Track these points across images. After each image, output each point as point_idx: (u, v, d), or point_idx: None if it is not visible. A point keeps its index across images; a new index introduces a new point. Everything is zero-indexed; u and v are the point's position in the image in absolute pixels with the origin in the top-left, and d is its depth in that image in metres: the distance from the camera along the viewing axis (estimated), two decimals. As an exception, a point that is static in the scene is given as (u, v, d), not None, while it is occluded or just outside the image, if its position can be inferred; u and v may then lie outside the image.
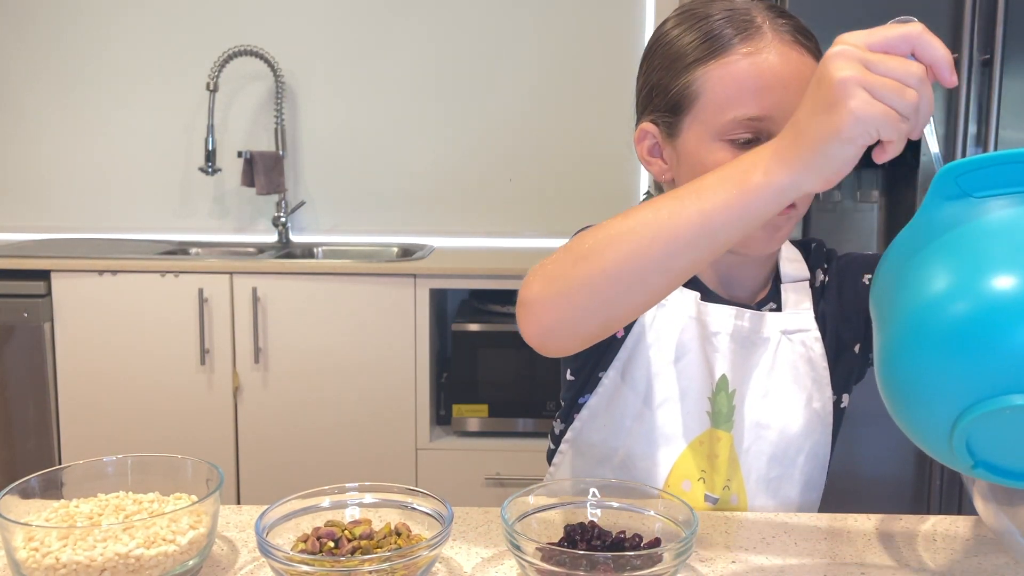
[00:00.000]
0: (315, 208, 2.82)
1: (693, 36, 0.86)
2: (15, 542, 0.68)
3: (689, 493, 0.93)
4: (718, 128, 0.84)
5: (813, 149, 0.60)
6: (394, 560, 0.66)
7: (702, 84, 0.85)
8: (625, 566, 0.65)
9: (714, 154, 0.85)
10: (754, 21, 0.85)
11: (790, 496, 0.96)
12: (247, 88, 2.77)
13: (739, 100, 0.83)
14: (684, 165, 0.89)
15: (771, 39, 0.83)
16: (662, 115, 0.89)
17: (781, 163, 0.61)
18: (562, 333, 0.72)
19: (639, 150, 0.94)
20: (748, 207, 0.63)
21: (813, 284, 0.98)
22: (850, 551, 0.79)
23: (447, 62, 2.75)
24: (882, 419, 0.63)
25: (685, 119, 0.87)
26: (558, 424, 1.03)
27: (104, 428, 2.30)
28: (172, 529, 0.70)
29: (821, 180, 0.61)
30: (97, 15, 2.75)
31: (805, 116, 0.61)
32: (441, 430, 2.38)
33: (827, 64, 0.60)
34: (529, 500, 0.76)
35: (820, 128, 0.59)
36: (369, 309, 2.27)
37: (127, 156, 2.80)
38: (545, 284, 0.71)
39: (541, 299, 0.71)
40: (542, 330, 0.72)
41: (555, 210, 2.74)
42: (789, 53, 0.83)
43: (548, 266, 0.72)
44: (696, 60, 0.85)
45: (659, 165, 0.92)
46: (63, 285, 2.27)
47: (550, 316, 0.71)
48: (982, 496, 0.72)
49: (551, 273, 0.71)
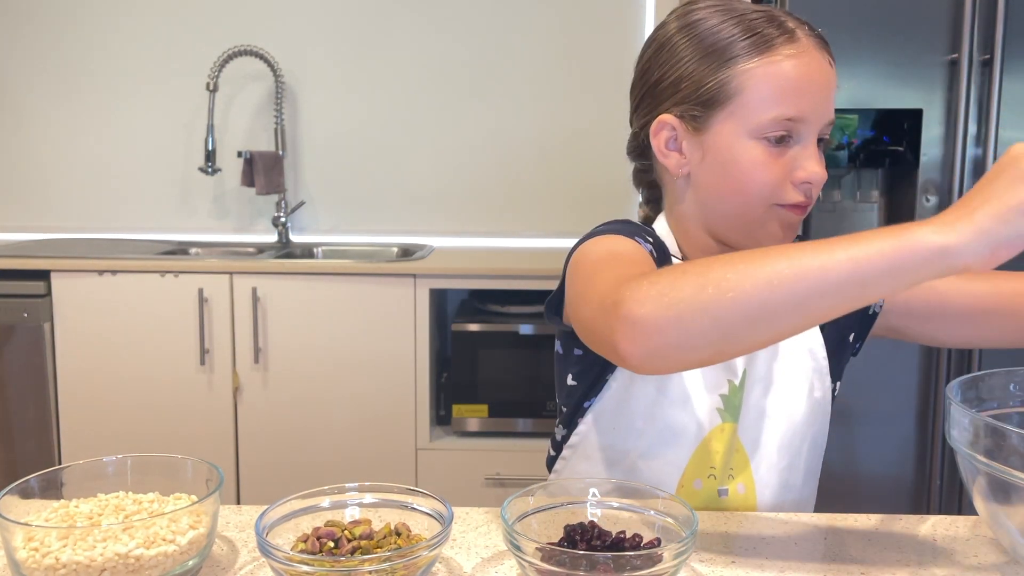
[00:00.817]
0: (315, 208, 2.82)
1: (735, 30, 0.86)
2: (15, 542, 0.68)
3: (701, 491, 0.93)
4: (757, 125, 0.85)
5: (989, 217, 0.59)
6: (394, 560, 0.66)
7: (745, 81, 0.85)
8: (625, 566, 0.65)
9: (749, 151, 0.86)
10: (787, 24, 0.86)
11: (796, 485, 0.96)
12: (247, 88, 2.77)
13: (783, 100, 0.84)
14: (711, 159, 0.88)
15: (807, 44, 0.85)
16: (690, 108, 0.88)
17: (950, 228, 0.60)
18: (670, 357, 0.68)
19: (656, 142, 0.91)
20: (905, 262, 0.61)
21: None
22: (850, 551, 0.79)
23: (447, 62, 2.75)
24: (882, 419, 0.63)
25: (719, 114, 0.86)
26: (560, 430, 1.02)
27: (104, 428, 2.30)
28: (172, 529, 0.70)
29: (990, 252, 0.60)
30: (97, 15, 2.75)
31: (985, 190, 0.61)
32: (441, 430, 2.38)
33: (1012, 150, 0.61)
34: (529, 500, 0.76)
35: (1001, 199, 0.59)
36: (369, 309, 2.27)
37: (127, 156, 2.80)
38: (662, 306, 0.65)
39: (655, 321, 0.65)
40: (648, 352, 0.67)
41: (555, 210, 2.74)
42: (822, 60, 0.86)
43: (662, 286, 0.66)
44: (739, 56, 0.85)
45: (676, 158, 0.91)
46: (63, 285, 2.27)
47: (663, 339, 0.66)
48: (982, 496, 0.72)
49: (670, 296, 0.65)
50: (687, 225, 0.95)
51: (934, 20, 1.93)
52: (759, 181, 0.86)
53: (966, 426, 0.71)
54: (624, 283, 0.69)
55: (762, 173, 0.86)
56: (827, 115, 0.87)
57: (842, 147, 2.07)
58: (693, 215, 0.93)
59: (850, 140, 2.06)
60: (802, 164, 0.86)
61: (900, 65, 1.94)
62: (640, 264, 0.81)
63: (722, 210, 0.91)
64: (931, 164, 1.97)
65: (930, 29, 1.93)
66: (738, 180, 0.87)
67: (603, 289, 0.73)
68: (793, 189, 0.87)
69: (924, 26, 1.92)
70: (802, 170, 0.86)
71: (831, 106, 0.88)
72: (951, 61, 1.93)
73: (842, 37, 1.93)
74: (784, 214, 0.88)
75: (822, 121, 0.87)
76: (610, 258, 0.81)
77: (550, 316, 0.95)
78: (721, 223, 0.92)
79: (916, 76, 1.94)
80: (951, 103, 1.94)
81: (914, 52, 1.93)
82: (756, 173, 0.86)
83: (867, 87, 1.95)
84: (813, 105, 0.85)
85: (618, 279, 0.72)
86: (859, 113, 2.03)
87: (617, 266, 0.79)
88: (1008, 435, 0.67)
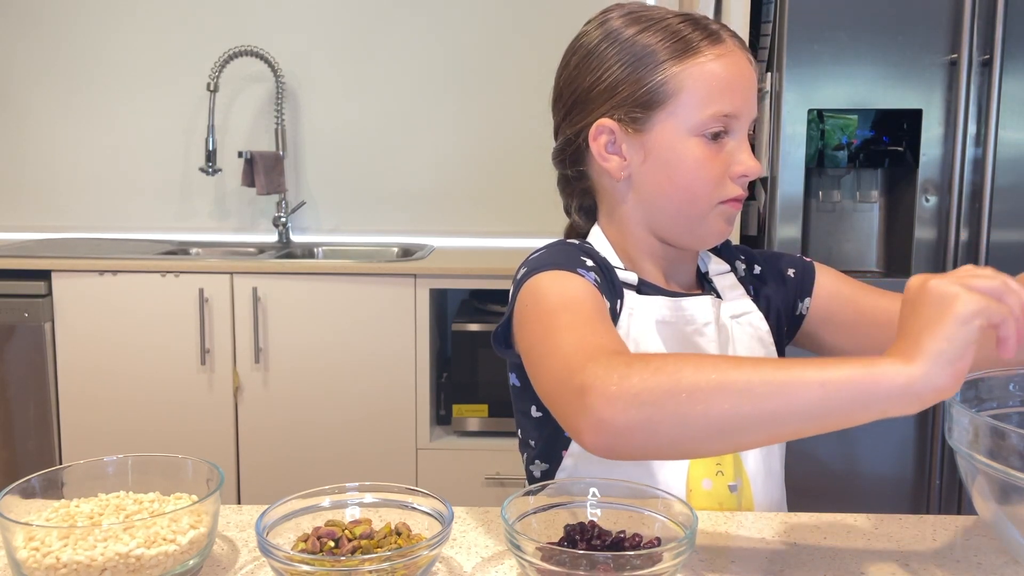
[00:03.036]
0: (315, 208, 2.82)
1: (664, 34, 0.89)
2: (15, 542, 0.68)
3: (712, 491, 0.93)
4: (696, 123, 0.89)
5: (935, 339, 0.61)
6: (394, 560, 0.66)
7: (682, 80, 0.88)
8: (625, 566, 0.65)
9: (691, 149, 0.90)
10: (711, 27, 0.90)
11: (775, 469, 0.98)
12: (248, 89, 2.77)
13: (719, 97, 0.88)
14: (654, 159, 0.91)
15: (730, 45, 0.90)
16: (629, 110, 0.90)
17: (907, 361, 0.62)
18: (633, 453, 0.68)
19: (595, 146, 0.93)
20: (872, 394, 0.62)
21: (738, 274, 1.04)
22: (850, 551, 0.79)
23: (447, 62, 2.75)
24: (882, 419, 0.63)
25: (659, 114, 0.90)
26: (538, 466, 0.98)
27: (104, 428, 2.30)
28: (172, 529, 0.70)
29: (950, 371, 0.61)
30: (98, 16, 2.75)
31: (917, 321, 0.63)
32: (441, 430, 2.38)
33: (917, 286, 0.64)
34: (529, 500, 0.76)
35: (937, 321, 0.62)
36: (369, 309, 2.27)
37: (128, 156, 2.81)
38: (632, 407, 0.65)
39: (625, 422, 0.65)
40: (611, 446, 0.67)
41: (555, 210, 2.72)
42: (745, 58, 0.91)
43: (633, 384, 0.65)
44: (673, 58, 0.89)
45: (617, 161, 0.93)
46: (63, 285, 2.27)
47: (630, 439, 0.66)
48: (982, 496, 0.72)
49: (640, 396, 0.65)
50: (630, 228, 0.97)
51: (934, 20, 1.93)
52: (703, 178, 0.90)
53: (966, 426, 0.71)
54: (591, 362, 0.69)
55: (705, 170, 0.90)
56: (754, 111, 0.92)
57: (842, 147, 2.07)
58: (636, 217, 0.96)
59: (850, 140, 2.06)
60: (738, 158, 0.91)
61: (900, 65, 1.94)
62: (594, 316, 0.80)
63: (667, 209, 0.93)
64: (931, 164, 1.97)
65: (930, 29, 1.93)
66: (683, 178, 0.91)
67: (567, 359, 0.73)
68: (732, 183, 0.91)
69: (924, 26, 1.93)
70: (739, 164, 0.91)
71: (755, 103, 0.93)
72: (951, 61, 1.93)
73: (842, 37, 1.94)
74: (725, 209, 0.93)
75: (751, 117, 0.92)
76: (563, 310, 0.81)
77: (500, 348, 0.93)
78: (665, 222, 0.94)
79: (916, 76, 1.94)
80: (951, 103, 1.94)
81: (914, 52, 1.93)
82: (700, 170, 0.90)
83: (867, 87, 1.95)
84: (744, 100, 0.90)
85: (581, 349, 0.72)
86: (859, 113, 2.03)
87: (575, 324, 0.78)
88: (1008, 435, 0.67)
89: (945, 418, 0.75)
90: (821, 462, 2.03)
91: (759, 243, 2.09)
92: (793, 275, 1.04)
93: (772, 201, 2.02)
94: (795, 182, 2.00)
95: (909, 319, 0.64)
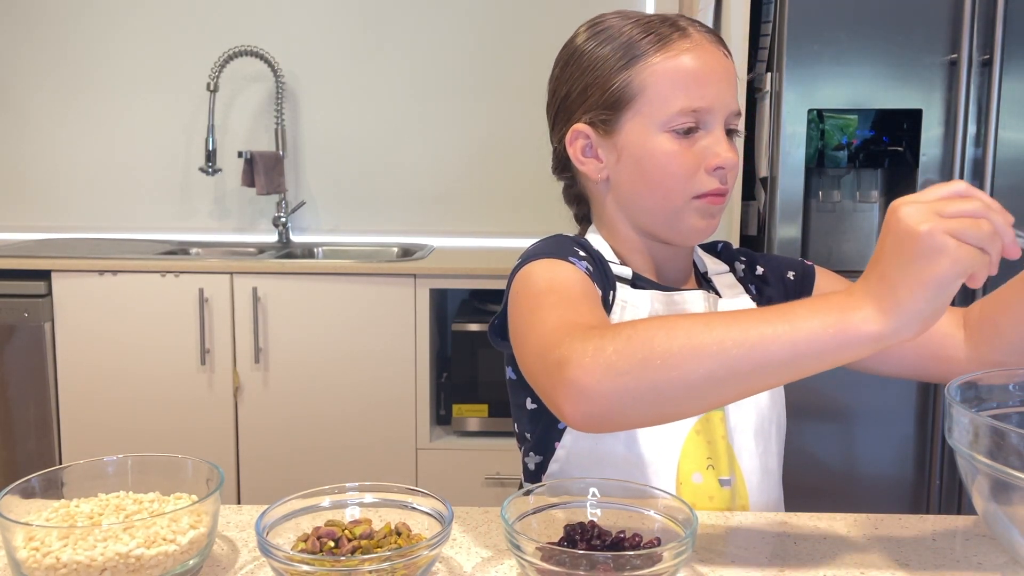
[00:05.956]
0: (315, 208, 2.82)
1: (632, 33, 0.90)
2: (15, 542, 0.68)
3: (702, 485, 0.93)
4: (663, 119, 0.89)
5: (914, 298, 0.61)
6: (394, 560, 0.66)
7: (646, 78, 0.89)
8: (625, 566, 0.65)
9: (661, 145, 0.90)
10: (679, 23, 0.91)
11: (772, 468, 0.98)
12: (248, 89, 2.77)
13: (685, 92, 0.88)
14: (626, 158, 0.92)
15: (699, 39, 0.90)
16: (599, 113, 0.92)
17: (882, 313, 0.62)
18: (613, 421, 0.69)
19: (572, 151, 0.95)
20: (842, 345, 0.63)
21: (737, 275, 1.04)
22: (850, 551, 0.79)
23: (447, 62, 2.75)
24: (881, 419, 0.63)
25: (626, 114, 0.91)
26: (532, 458, 0.99)
27: (104, 428, 2.30)
28: (172, 529, 0.70)
29: (921, 327, 0.62)
30: (98, 16, 2.75)
31: (898, 267, 0.62)
32: (441, 430, 2.38)
33: (902, 219, 0.62)
34: (529, 500, 0.76)
35: (919, 279, 0.61)
36: (369, 309, 2.27)
37: (128, 156, 2.81)
38: (608, 376, 0.66)
39: (602, 391, 0.66)
40: (592, 416, 0.68)
41: (555, 210, 2.73)
42: (716, 51, 0.91)
43: (608, 355, 0.66)
44: (637, 56, 0.89)
45: (594, 164, 0.95)
46: (63, 285, 2.27)
47: (608, 406, 0.67)
48: (982, 496, 0.72)
49: (616, 366, 0.66)
50: (617, 227, 0.98)
51: (934, 20, 1.93)
52: (674, 172, 0.90)
53: (966, 426, 0.71)
54: (568, 337, 0.70)
55: (676, 163, 0.90)
56: (731, 104, 0.91)
57: (842, 147, 2.07)
58: (618, 217, 0.97)
59: (850, 140, 2.06)
60: (713, 151, 0.90)
61: (900, 65, 1.94)
62: (580, 298, 0.81)
63: (644, 206, 0.94)
64: (931, 164, 1.97)
65: (930, 29, 1.93)
66: (654, 173, 0.91)
67: (546, 335, 0.74)
68: (708, 176, 0.90)
69: (924, 26, 1.93)
70: (714, 156, 0.90)
71: (734, 96, 0.92)
72: (951, 61, 1.93)
73: (842, 37, 1.94)
74: (703, 206, 0.92)
75: (727, 110, 0.91)
76: (550, 292, 0.82)
77: (496, 340, 0.95)
78: (645, 219, 0.95)
79: (916, 76, 1.94)
80: (951, 103, 1.94)
81: (914, 52, 1.93)
82: (671, 165, 0.90)
83: (867, 87, 1.95)
84: (715, 93, 0.89)
85: (561, 326, 0.73)
86: (859, 113, 2.03)
87: (558, 304, 0.79)
88: (1008, 435, 0.67)
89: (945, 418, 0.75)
90: (820, 462, 2.03)
91: (759, 243, 2.09)
92: (793, 278, 1.04)
93: (772, 201, 2.02)
94: (795, 182, 2.00)
95: (890, 256, 0.63)
